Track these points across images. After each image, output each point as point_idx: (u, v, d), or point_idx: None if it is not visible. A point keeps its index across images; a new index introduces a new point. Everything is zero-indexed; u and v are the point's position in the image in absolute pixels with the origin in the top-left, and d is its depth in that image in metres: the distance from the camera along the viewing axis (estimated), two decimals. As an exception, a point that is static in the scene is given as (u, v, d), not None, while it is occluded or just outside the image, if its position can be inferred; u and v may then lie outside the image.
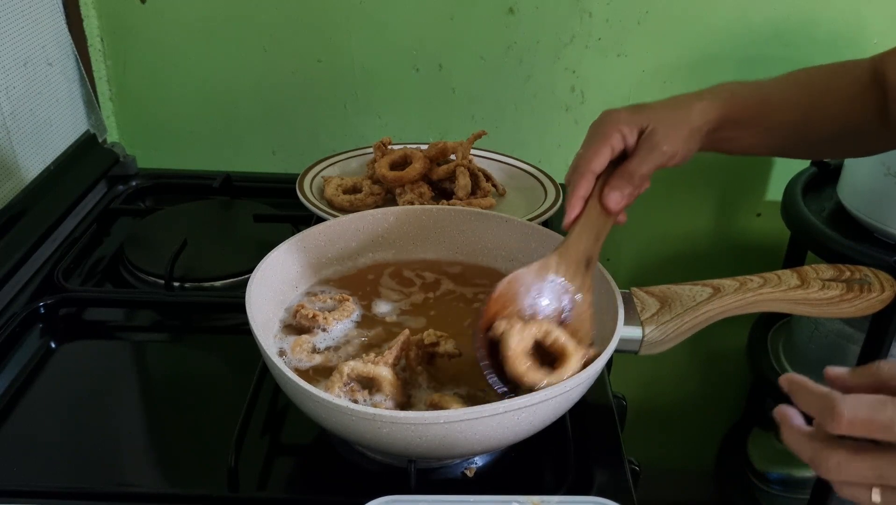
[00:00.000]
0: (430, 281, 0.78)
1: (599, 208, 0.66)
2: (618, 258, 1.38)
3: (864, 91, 0.70)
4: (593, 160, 0.65)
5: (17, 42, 0.97)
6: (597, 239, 0.67)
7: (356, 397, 0.60)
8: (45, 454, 0.67)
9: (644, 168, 0.66)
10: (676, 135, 0.67)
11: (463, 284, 0.77)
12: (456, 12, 1.17)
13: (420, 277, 0.78)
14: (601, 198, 0.66)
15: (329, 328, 0.69)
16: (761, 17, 1.17)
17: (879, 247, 1.05)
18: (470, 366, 0.63)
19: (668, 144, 0.66)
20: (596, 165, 0.65)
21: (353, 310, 0.72)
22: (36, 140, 1.02)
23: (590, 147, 0.66)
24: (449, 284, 0.77)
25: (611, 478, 0.65)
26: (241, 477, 0.64)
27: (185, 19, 1.18)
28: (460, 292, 0.76)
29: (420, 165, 0.96)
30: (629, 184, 0.66)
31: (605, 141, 0.66)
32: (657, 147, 0.66)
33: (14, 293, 0.86)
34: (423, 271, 0.79)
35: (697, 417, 1.56)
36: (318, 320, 0.69)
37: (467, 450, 0.60)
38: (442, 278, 0.78)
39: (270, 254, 0.71)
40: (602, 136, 0.66)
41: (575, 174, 0.66)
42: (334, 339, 0.69)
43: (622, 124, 0.66)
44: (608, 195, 0.66)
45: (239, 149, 1.28)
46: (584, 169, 0.65)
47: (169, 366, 0.81)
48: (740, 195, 1.32)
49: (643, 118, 0.67)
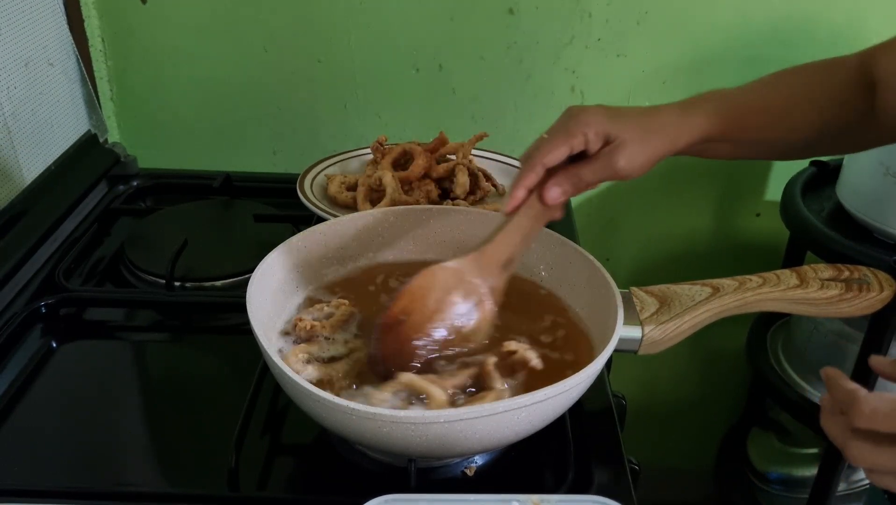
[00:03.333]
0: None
1: (539, 205, 0.66)
2: (617, 258, 1.38)
3: (852, 87, 0.69)
4: (548, 155, 0.64)
5: (19, 42, 0.97)
6: (524, 239, 0.66)
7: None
8: (46, 454, 0.67)
9: (594, 178, 0.65)
10: (640, 157, 0.65)
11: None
12: (456, 12, 1.17)
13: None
14: (542, 189, 0.65)
15: (326, 335, 0.68)
16: (761, 17, 1.17)
17: (878, 247, 1.05)
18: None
19: (628, 165, 0.64)
20: (549, 161, 0.64)
21: (350, 314, 0.71)
22: (37, 140, 1.02)
23: (550, 140, 0.65)
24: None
25: (610, 477, 0.65)
26: (241, 477, 0.64)
27: (185, 20, 1.18)
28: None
29: (423, 161, 0.96)
30: (573, 187, 0.65)
31: (567, 140, 0.64)
32: (615, 164, 0.64)
33: (15, 293, 0.86)
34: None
35: (697, 416, 1.56)
36: (318, 329, 0.68)
37: (467, 449, 0.61)
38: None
39: (271, 254, 0.71)
40: (565, 133, 0.65)
41: (527, 163, 0.65)
42: (339, 348, 0.68)
43: (591, 129, 0.64)
44: (550, 189, 0.65)
45: (239, 149, 1.28)
46: (537, 161, 0.64)
47: (169, 366, 0.81)
48: (740, 195, 1.33)
49: (614, 129, 0.65)
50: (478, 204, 0.98)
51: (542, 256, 0.76)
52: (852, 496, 1.27)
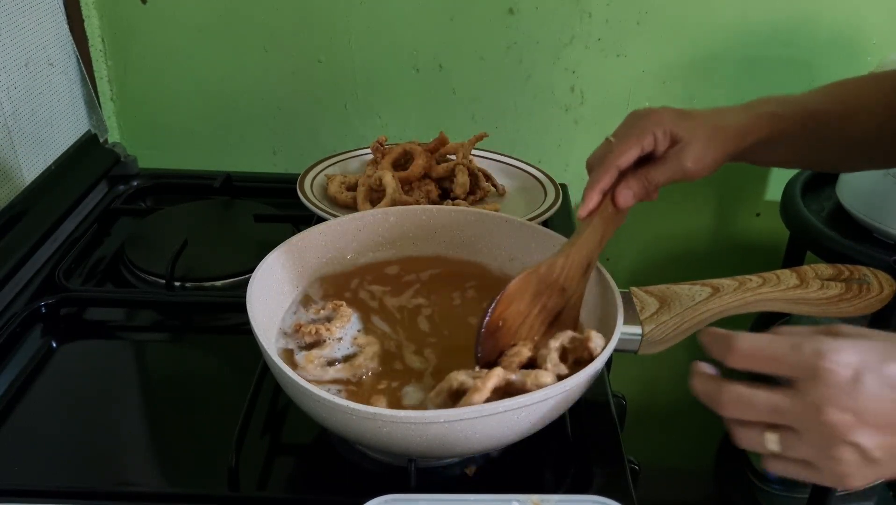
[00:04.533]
0: (429, 282, 0.78)
1: (612, 208, 0.66)
2: (617, 258, 1.38)
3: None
4: (622, 156, 0.65)
5: (19, 42, 0.97)
6: (600, 242, 0.67)
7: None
8: (46, 454, 0.67)
9: (663, 179, 0.66)
10: (707, 157, 0.66)
11: (462, 284, 0.77)
12: (456, 12, 1.17)
13: (419, 278, 0.78)
14: (614, 193, 0.66)
15: (336, 337, 0.68)
16: (761, 17, 1.17)
17: (878, 247, 1.05)
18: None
19: (694, 165, 0.65)
20: (623, 162, 0.65)
21: (350, 314, 0.71)
22: (37, 140, 1.02)
23: (623, 142, 0.65)
24: (448, 283, 0.77)
25: (610, 477, 0.65)
26: (241, 477, 0.64)
27: (185, 20, 1.18)
28: (460, 292, 0.76)
29: (423, 161, 0.96)
30: (643, 189, 0.66)
31: (639, 140, 0.65)
32: (683, 164, 0.65)
33: (15, 293, 0.86)
34: (422, 272, 0.79)
35: (697, 416, 1.55)
36: (323, 333, 0.68)
37: (467, 449, 0.61)
38: (441, 278, 0.78)
39: (271, 254, 0.71)
40: (638, 134, 0.65)
41: (600, 166, 0.65)
42: (348, 347, 0.68)
43: (660, 128, 0.65)
44: (622, 192, 0.65)
45: (239, 149, 1.28)
46: (611, 163, 0.65)
47: (169, 366, 0.81)
48: (740, 195, 1.33)
49: (682, 129, 0.66)
50: (478, 204, 0.98)
51: (543, 256, 0.75)
52: (852, 496, 1.27)
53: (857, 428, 0.44)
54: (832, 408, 0.44)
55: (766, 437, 0.47)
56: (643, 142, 0.65)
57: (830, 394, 0.45)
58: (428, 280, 0.78)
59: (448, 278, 0.78)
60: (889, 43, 1.19)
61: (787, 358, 0.46)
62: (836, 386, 0.45)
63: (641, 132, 0.65)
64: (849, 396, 0.44)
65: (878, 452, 0.45)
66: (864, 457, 0.45)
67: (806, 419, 0.45)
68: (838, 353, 0.45)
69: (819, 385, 0.45)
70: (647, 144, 0.65)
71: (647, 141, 0.65)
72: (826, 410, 0.45)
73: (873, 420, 0.44)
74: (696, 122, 0.66)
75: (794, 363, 0.46)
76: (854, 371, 0.45)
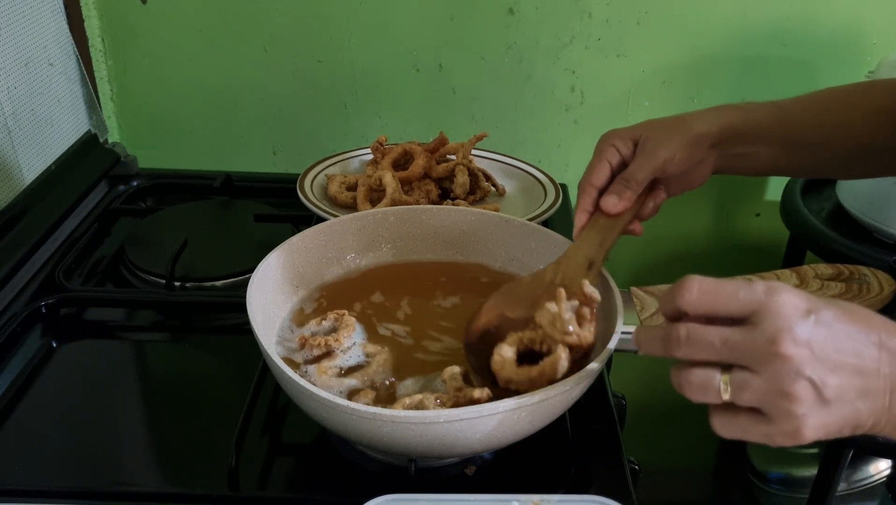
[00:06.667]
0: (429, 282, 0.78)
1: (604, 218, 0.70)
2: (617, 258, 1.37)
3: (890, 109, 0.70)
4: (591, 175, 0.70)
5: (19, 42, 0.97)
6: (601, 245, 0.69)
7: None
8: (46, 454, 0.67)
9: (640, 173, 0.69)
10: (672, 140, 0.69)
11: (462, 284, 0.77)
12: (456, 13, 1.17)
13: (418, 278, 0.78)
14: (599, 202, 0.70)
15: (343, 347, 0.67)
16: (761, 17, 1.17)
17: (878, 247, 1.05)
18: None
19: (663, 149, 0.69)
20: (595, 180, 0.70)
21: (353, 323, 0.70)
22: (37, 140, 1.02)
23: (589, 165, 0.71)
24: (448, 283, 0.77)
25: (610, 477, 0.65)
26: (241, 476, 0.64)
27: (185, 20, 1.18)
28: (459, 292, 0.76)
29: (423, 161, 0.96)
30: (626, 188, 0.69)
31: (601, 156, 0.70)
32: (652, 152, 0.69)
33: (15, 293, 0.86)
34: (421, 272, 0.79)
35: (697, 416, 1.55)
36: (332, 343, 0.67)
37: (467, 449, 0.61)
38: (441, 278, 0.78)
39: (271, 254, 0.71)
40: (598, 153, 0.71)
41: (579, 190, 0.71)
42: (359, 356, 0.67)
43: (615, 139, 0.70)
44: (605, 199, 0.69)
45: (239, 149, 1.28)
46: (585, 184, 0.70)
47: (169, 366, 0.81)
48: (739, 195, 1.33)
49: (637, 131, 0.71)
50: (478, 204, 0.98)
51: (543, 256, 0.76)
52: (852, 496, 1.27)
53: (812, 362, 0.44)
54: (787, 339, 0.44)
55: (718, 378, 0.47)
56: (606, 155, 0.70)
57: (785, 325, 0.44)
58: (428, 281, 0.78)
59: (448, 278, 0.78)
60: (889, 43, 1.19)
61: (739, 294, 0.46)
62: (791, 319, 0.45)
63: (602, 149, 0.71)
64: (803, 329, 0.44)
65: (832, 391, 0.44)
66: (818, 396, 0.44)
67: (760, 352, 0.45)
68: (789, 291, 0.46)
69: (774, 317, 0.45)
70: (611, 156, 0.70)
71: (610, 153, 0.70)
72: (781, 342, 0.44)
73: (826, 357, 0.44)
74: (650, 123, 0.71)
75: (747, 299, 0.46)
76: (807, 307, 0.45)
